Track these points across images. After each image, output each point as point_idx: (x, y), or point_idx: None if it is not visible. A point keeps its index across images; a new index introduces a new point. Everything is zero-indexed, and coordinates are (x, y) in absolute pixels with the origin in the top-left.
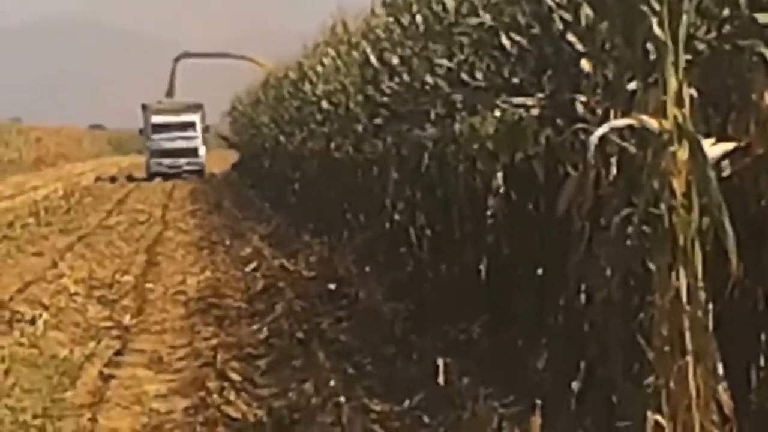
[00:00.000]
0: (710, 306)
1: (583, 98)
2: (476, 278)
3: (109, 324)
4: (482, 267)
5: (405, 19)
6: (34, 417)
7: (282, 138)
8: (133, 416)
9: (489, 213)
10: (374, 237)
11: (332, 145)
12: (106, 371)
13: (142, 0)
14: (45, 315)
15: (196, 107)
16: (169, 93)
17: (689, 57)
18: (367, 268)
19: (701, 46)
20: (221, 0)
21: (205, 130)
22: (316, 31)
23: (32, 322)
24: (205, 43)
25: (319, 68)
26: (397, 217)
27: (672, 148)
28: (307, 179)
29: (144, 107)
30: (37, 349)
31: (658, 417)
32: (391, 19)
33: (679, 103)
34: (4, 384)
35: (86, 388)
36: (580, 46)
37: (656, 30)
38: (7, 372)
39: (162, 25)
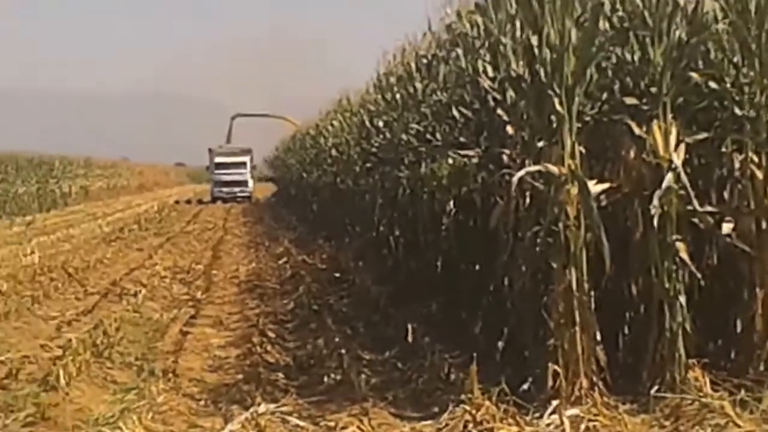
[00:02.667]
0: (591, 293)
1: (507, 152)
2: (434, 271)
3: (186, 297)
4: (438, 263)
5: (388, 96)
6: (136, 359)
7: (305, 174)
8: (202, 359)
9: (443, 227)
10: (366, 242)
11: (338, 179)
12: (185, 329)
13: (205, 77)
14: (143, 291)
15: (247, 151)
16: (228, 141)
17: (579, 125)
18: (361, 263)
19: (587, 118)
20: (260, 75)
21: (253, 168)
22: (327, 102)
23: (135, 295)
24: (251, 105)
25: (330, 127)
26: (381, 228)
27: (567, 187)
28: (321, 202)
29: (210, 150)
30: (138, 314)
31: (556, 367)
32: (379, 96)
33: (573, 156)
34: (116, 336)
35: (171, 340)
36: (505, 117)
37: (557, 107)
38: (117, 329)
39: (221, 93)
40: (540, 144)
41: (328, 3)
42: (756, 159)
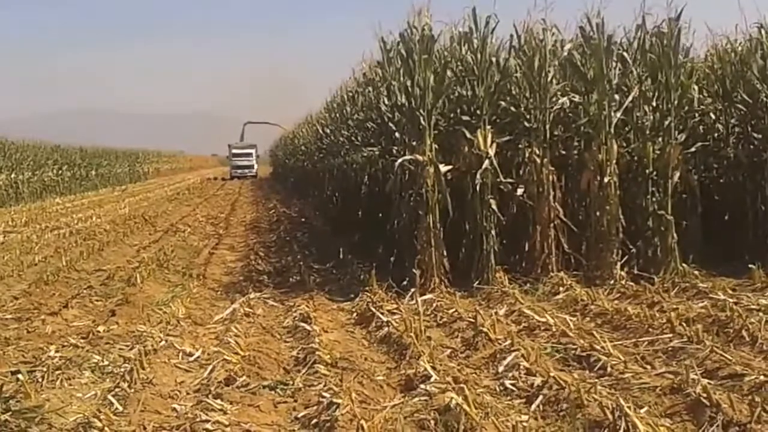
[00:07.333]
0: (441, 229)
1: (395, 148)
2: (356, 217)
3: (213, 233)
4: (359, 213)
5: (332, 115)
6: (182, 268)
7: (287, 161)
8: (220, 268)
9: (361, 192)
10: (320, 200)
11: (305, 164)
12: (211, 251)
13: (228, 101)
14: (189, 229)
15: (253, 146)
16: (241, 139)
17: (435, 132)
18: (316, 213)
19: (441, 128)
20: (263, 99)
21: (257, 157)
22: (299, 118)
23: (184, 231)
24: (257, 115)
25: (301, 133)
26: (328, 193)
27: (428, 168)
28: (296, 177)
29: (229, 146)
30: (185, 242)
31: (420, 271)
32: (327, 115)
33: (431, 150)
34: (171, 255)
35: (203, 257)
36: (394, 128)
37: (423, 122)
38: (172, 251)
39: (238, 111)
40: (413, 143)
41: (311, 51)
42: (537, 152)
